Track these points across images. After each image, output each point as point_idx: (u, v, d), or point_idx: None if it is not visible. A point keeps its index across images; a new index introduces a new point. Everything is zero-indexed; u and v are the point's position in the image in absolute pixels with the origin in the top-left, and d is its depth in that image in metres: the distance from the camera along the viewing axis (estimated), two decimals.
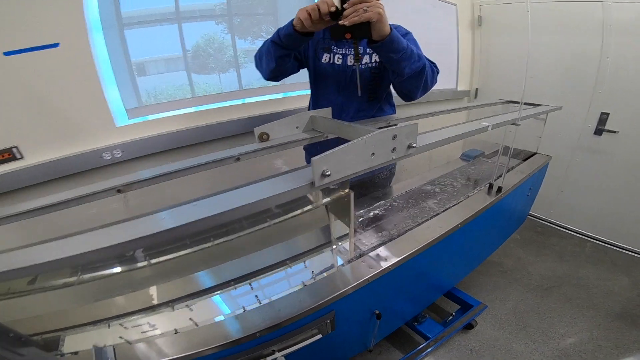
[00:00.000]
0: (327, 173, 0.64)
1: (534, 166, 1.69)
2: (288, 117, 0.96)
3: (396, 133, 0.71)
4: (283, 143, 0.91)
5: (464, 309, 1.71)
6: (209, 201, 0.66)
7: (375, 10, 0.83)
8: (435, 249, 1.13)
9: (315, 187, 0.66)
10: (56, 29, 1.15)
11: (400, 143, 0.74)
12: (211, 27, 1.72)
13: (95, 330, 0.82)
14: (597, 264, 2.23)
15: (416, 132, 0.76)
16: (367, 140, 0.67)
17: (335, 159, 0.65)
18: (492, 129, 1.13)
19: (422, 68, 1.01)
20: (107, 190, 0.79)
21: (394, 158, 0.74)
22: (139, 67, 1.55)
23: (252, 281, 0.97)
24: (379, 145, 0.70)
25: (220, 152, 0.87)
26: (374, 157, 0.71)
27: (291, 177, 0.70)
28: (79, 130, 1.27)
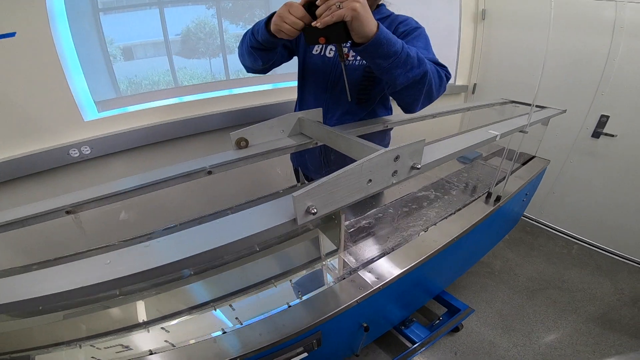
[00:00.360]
0: (312, 210, 0.50)
1: (533, 171, 1.57)
2: (271, 120, 0.79)
3: (399, 154, 0.57)
4: (264, 152, 0.74)
5: (451, 313, 1.63)
6: (164, 241, 0.52)
7: (350, 5, 0.61)
8: (428, 263, 1.02)
9: (298, 224, 0.52)
10: (12, 17, 0.96)
11: (402, 165, 0.59)
12: (202, 11, 1.53)
13: (66, 350, 0.71)
14: (582, 267, 2.17)
15: (422, 150, 0.62)
16: (364, 166, 0.53)
17: (322, 193, 0.51)
18: (501, 137, 0.99)
19: (423, 76, 0.74)
20: (54, 212, 0.63)
21: (394, 182, 0.60)
22: (126, 52, 1.35)
23: (234, 301, 0.85)
24: (378, 170, 0.56)
25: (189, 163, 0.71)
26: (371, 185, 0.57)
27: (270, 209, 0.56)
28: (42, 126, 1.10)
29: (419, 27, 0.94)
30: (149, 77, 1.46)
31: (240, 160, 0.73)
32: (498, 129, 1.02)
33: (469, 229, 1.13)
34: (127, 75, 1.37)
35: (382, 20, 0.93)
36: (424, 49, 0.86)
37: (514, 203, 1.50)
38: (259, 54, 0.88)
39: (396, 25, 0.94)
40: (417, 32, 0.92)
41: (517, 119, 1.27)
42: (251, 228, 0.52)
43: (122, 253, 0.52)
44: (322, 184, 0.50)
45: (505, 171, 1.35)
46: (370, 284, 0.88)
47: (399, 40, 0.70)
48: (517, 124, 1.18)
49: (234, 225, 0.54)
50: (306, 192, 0.49)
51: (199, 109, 1.46)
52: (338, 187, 0.52)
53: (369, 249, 0.99)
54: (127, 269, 0.48)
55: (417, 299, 1.40)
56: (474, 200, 1.27)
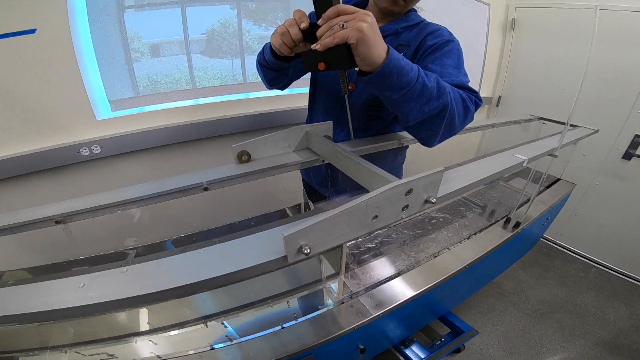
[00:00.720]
0: (305, 250, 0.42)
1: (557, 195, 1.41)
2: (277, 133, 0.70)
3: (413, 187, 0.47)
4: (266, 168, 0.65)
5: (454, 334, 1.51)
6: (142, 268, 0.46)
7: (355, 25, 0.49)
8: (436, 289, 0.92)
9: (289, 262, 0.44)
10: (34, 13, 0.92)
11: (415, 199, 0.50)
12: (227, 11, 1.45)
13: (51, 355, 0.67)
14: (598, 291, 1.99)
15: (439, 182, 0.51)
16: (369, 201, 0.43)
17: (318, 231, 0.42)
18: (528, 163, 0.87)
19: (442, 109, 0.59)
20: (44, 221, 0.58)
21: (403, 217, 0.51)
22: (153, 49, 1.29)
23: (226, 318, 0.78)
24: (386, 206, 0.46)
25: (186, 177, 0.63)
26: (377, 221, 0.47)
27: (259, 242, 0.48)
28: (54, 123, 1.05)
29: (451, 41, 0.76)
30: (172, 75, 1.41)
31: (240, 177, 0.64)
32: (525, 152, 0.89)
33: (482, 255, 1.02)
34: (149, 73, 1.32)
35: (409, 29, 0.80)
36: (453, 67, 0.70)
37: (534, 228, 1.36)
38: (269, 73, 0.79)
39: (424, 37, 0.78)
40: (449, 46, 0.74)
41: (545, 140, 1.13)
42: (236, 263, 0.45)
43: (97, 277, 0.46)
44: (319, 223, 0.41)
45: (529, 195, 1.21)
46: (369, 310, 0.79)
47: (414, 67, 0.56)
48: (546, 147, 1.04)
49: (219, 257, 0.46)
50: (299, 232, 0.40)
51: (214, 112, 1.38)
52: (337, 224, 0.43)
53: (372, 272, 0.89)
54: (99, 296, 0.43)
55: (420, 321, 1.30)
56: (491, 225, 1.14)
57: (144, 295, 0.43)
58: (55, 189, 1.12)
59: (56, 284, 0.46)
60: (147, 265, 0.47)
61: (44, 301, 0.43)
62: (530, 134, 1.56)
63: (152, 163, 1.28)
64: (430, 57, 0.74)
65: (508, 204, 1.31)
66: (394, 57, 0.52)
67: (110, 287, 0.44)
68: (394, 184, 0.44)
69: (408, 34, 0.80)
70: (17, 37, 0.90)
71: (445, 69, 0.69)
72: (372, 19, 0.51)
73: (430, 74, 0.58)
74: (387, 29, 0.80)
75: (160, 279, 0.44)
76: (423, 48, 0.77)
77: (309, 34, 0.58)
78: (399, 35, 0.81)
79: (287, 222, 0.54)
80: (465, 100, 0.64)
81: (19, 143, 1.02)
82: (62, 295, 0.43)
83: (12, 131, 1.00)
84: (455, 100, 0.61)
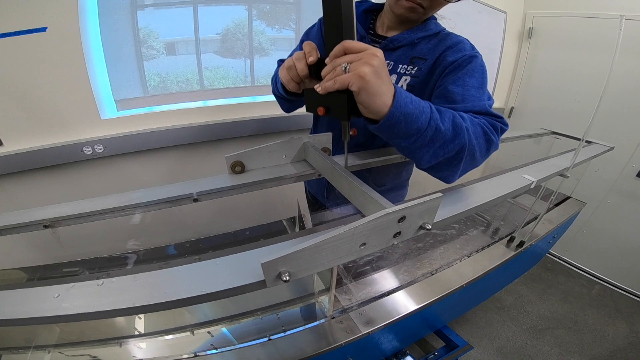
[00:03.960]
0: (284, 277, 0.37)
1: (565, 215, 1.32)
2: (273, 144, 0.65)
3: (406, 214, 0.42)
4: (260, 180, 0.61)
5: (448, 348, 1.44)
6: (118, 282, 0.43)
7: (358, 70, 0.42)
8: (431, 307, 0.86)
9: (268, 286, 0.39)
10: (45, 11, 0.90)
11: (408, 226, 0.44)
12: (242, 12, 1.41)
13: (34, 354, 0.65)
14: (599, 308, 1.89)
15: (437, 208, 0.46)
16: (357, 230, 0.39)
17: (300, 259, 0.37)
18: (537, 184, 0.80)
19: (460, 150, 0.51)
20: (33, 224, 0.55)
21: (394, 244, 0.46)
22: (169, 47, 1.27)
23: (213, 327, 0.74)
24: (376, 233, 0.41)
25: (176, 186, 0.60)
26: (365, 248, 0.42)
27: (239, 262, 0.44)
28: (62, 121, 1.04)
29: (474, 56, 0.65)
30: (183, 74, 1.38)
31: (232, 189, 0.60)
32: (534, 173, 0.82)
33: (482, 275, 0.95)
34: (160, 72, 1.29)
35: (426, 39, 0.71)
36: (476, 88, 0.62)
37: (539, 246, 1.28)
38: (284, 103, 0.74)
39: (444, 51, 0.68)
40: (472, 64, 0.64)
41: (557, 158, 1.05)
42: (212, 285, 0.41)
43: (72, 288, 0.44)
44: (301, 251, 0.37)
45: (535, 213, 1.13)
46: (359, 328, 0.73)
47: (426, 109, 0.47)
48: (557, 165, 0.96)
49: (195, 277, 0.43)
50: (277, 259, 0.36)
51: (220, 115, 1.34)
52: (321, 252, 0.39)
53: (366, 288, 0.84)
54: (73, 307, 0.41)
55: (414, 335, 1.24)
56: (494, 243, 1.07)
57: (114, 310, 0.41)
58: (59, 186, 1.12)
59: (32, 292, 0.45)
60: (123, 279, 0.44)
61: (18, 309, 0.42)
62: (542, 148, 1.46)
63: (156, 164, 1.26)
64: (450, 76, 0.64)
65: (513, 221, 1.23)
66: (400, 104, 0.45)
67: (83, 299, 0.42)
68: (385, 212, 0.39)
69: (425, 45, 0.71)
70: (29, 35, 0.89)
71: (468, 91, 0.61)
72: (380, 60, 0.43)
73: (444, 112, 0.50)
74: (402, 39, 0.72)
75: (133, 295, 0.42)
76: (442, 64, 0.67)
77: (317, 70, 0.51)
78: (415, 47, 0.72)
79: (274, 242, 0.50)
80: (487, 133, 0.55)
81: (26, 139, 1.01)
82: (37, 305, 0.42)
83: (19, 127, 0.99)
84: (475, 135, 0.53)
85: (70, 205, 0.58)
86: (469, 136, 0.51)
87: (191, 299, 0.40)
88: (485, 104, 0.60)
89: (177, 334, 0.70)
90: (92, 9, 0.99)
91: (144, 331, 0.70)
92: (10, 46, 0.88)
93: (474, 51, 0.67)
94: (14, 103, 0.96)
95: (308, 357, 0.66)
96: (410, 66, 0.72)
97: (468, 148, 0.51)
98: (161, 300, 0.41)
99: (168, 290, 0.42)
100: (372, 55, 0.43)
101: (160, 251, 0.90)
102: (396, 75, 0.73)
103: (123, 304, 0.41)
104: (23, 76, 0.94)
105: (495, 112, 0.60)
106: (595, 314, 1.84)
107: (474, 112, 0.58)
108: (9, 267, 0.78)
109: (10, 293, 0.45)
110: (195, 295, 0.40)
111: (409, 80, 0.72)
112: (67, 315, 0.41)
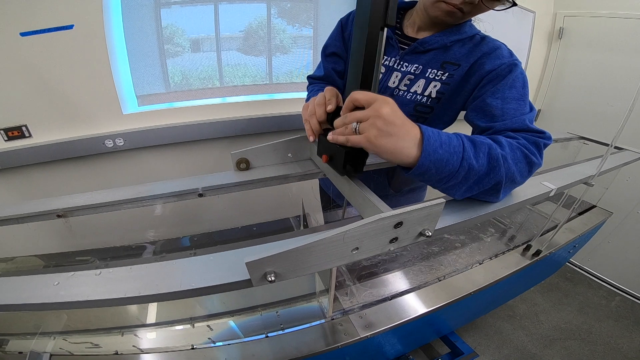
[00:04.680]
0: (269, 278, 0.35)
1: (589, 224, 1.20)
2: (279, 142, 0.62)
3: (403, 220, 0.38)
4: (264, 178, 0.59)
5: (453, 354, 1.38)
6: (116, 272, 0.43)
7: (365, 134, 0.40)
8: (437, 312, 0.81)
9: (254, 286, 0.37)
10: (72, 9, 0.93)
11: (406, 232, 0.41)
12: (264, 10, 1.39)
13: (39, 340, 0.67)
14: (617, 320, 1.74)
15: (438, 214, 0.42)
16: (348, 234, 0.35)
17: (288, 260, 0.35)
18: (558, 191, 0.72)
19: (497, 184, 0.48)
20: (47, 214, 0.57)
21: (391, 249, 0.42)
22: (194, 44, 1.28)
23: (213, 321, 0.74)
24: (369, 238, 0.38)
25: (183, 180, 0.59)
26: (358, 252, 0.39)
27: (228, 260, 0.43)
28: (85, 115, 1.07)
29: (514, 64, 0.58)
30: (206, 71, 1.38)
31: (236, 186, 0.58)
32: (556, 180, 0.75)
33: (493, 282, 0.89)
34: (183, 69, 1.31)
35: (460, 42, 0.64)
36: (517, 101, 0.56)
37: (557, 255, 1.18)
38: None
39: (479, 58, 0.62)
40: (513, 73, 0.57)
41: (584, 164, 0.95)
42: (201, 280, 0.40)
43: (72, 277, 0.45)
44: (289, 252, 0.34)
45: (556, 221, 1.04)
46: (357, 332, 0.70)
47: (457, 148, 0.43)
48: (581, 173, 0.87)
49: (188, 271, 0.42)
50: (264, 259, 0.34)
51: (238, 111, 1.33)
52: (311, 254, 0.36)
53: (370, 290, 0.80)
54: (69, 295, 0.42)
55: (418, 340, 1.19)
56: (509, 251, 0.99)
57: (106, 300, 0.41)
58: (81, 177, 1.16)
59: (35, 279, 0.45)
60: (120, 270, 0.44)
61: (19, 295, 0.43)
62: (569, 154, 1.34)
63: (175, 158, 1.28)
64: (489, 87, 0.59)
65: (531, 228, 1.14)
66: (429, 152, 0.41)
67: (80, 287, 0.43)
68: (379, 217, 0.36)
69: (459, 50, 0.65)
70: (57, 32, 0.91)
71: (507, 104, 0.56)
72: (386, 119, 0.39)
73: (479, 146, 0.45)
74: (434, 41, 0.65)
75: (127, 286, 0.41)
76: (479, 73, 0.61)
77: (334, 117, 0.48)
78: (447, 51, 0.65)
79: (273, 240, 0.48)
80: (528, 155, 0.50)
81: (52, 131, 1.06)
82: (36, 291, 0.43)
83: (46, 120, 1.04)
84: (515, 161, 0.48)
85: (82, 196, 0.59)
86: (507, 165, 0.47)
87: (179, 293, 0.39)
88: (525, 120, 0.55)
89: (178, 325, 0.70)
90: (115, 7, 1.00)
91: (147, 322, 0.71)
92: (39, 43, 0.91)
93: (512, 58, 0.60)
94: (41, 97, 1.00)
95: (304, 357, 0.64)
96: (440, 71, 0.66)
97: (507, 177, 0.48)
98: (151, 293, 0.40)
99: (159, 283, 0.41)
100: (377, 116, 0.39)
101: (168, 243, 0.91)
102: (424, 81, 0.67)
103: (115, 294, 0.40)
104: (50, 72, 0.97)
105: (536, 127, 0.55)
106: (612, 325, 1.71)
107: (513, 130, 0.54)
108: (31, 254, 0.81)
109: (14, 279, 0.46)
110: (183, 290, 0.39)
111: (438, 87, 0.66)
112: (62, 302, 0.41)
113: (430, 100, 0.67)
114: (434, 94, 0.66)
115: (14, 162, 1.03)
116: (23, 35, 0.89)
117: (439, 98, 0.66)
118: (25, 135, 1.03)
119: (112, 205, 0.59)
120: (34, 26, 0.89)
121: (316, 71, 0.83)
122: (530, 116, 0.56)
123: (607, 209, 1.32)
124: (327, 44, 0.80)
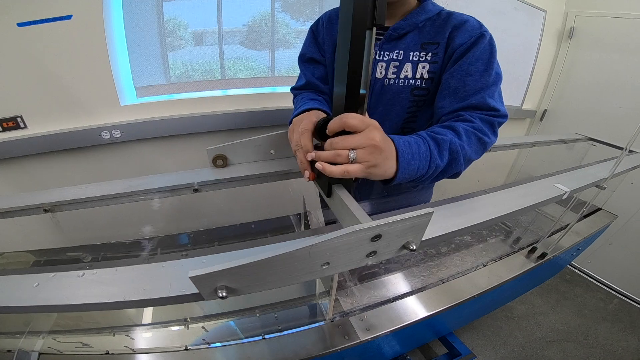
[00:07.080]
0: (221, 294, 0.27)
1: (594, 227, 1.07)
2: (259, 137, 0.54)
3: (382, 232, 0.30)
4: (242, 177, 0.50)
5: (450, 355, 1.27)
6: (98, 275, 0.38)
7: (369, 162, 0.37)
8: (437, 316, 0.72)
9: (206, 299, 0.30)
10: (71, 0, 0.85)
11: (386, 245, 0.32)
12: (268, 4, 1.31)
13: (27, 339, 0.62)
14: (614, 323, 1.60)
15: (425, 225, 0.33)
16: (314, 248, 0.27)
17: (241, 275, 0.27)
18: (570, 194, 0.61)
19: (457, 172, 0.50)
20: (33, 208, 0.51)
21: (369, 263, 0.33)
22: (197, 38, 1.19)
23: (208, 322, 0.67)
24: (341, 253, 0.30)
25: (178, 174, 0.52)
26: (329, 268, 0.31)
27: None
28: (82, 106, 1.00)
29: (481, 35, 0.54)
30: (208, 64, 1.31)
31: (218, 183, 0.51)
32: (567, 182, 0.63)
33: (497, 285, 0.79)
34: (184, 62, 1.23)
35: (429, 22, 0.59)
36: (480, 73, 0.53)
37: (561, 258, 1.05)
38: None
39: (450, 32, 0.57)
40: (478, 46, 0.54)
41: (593, 167, 0.83)
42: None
43: (53, 278, 0.39)
44: (242, 267, 0.26)
45: (562, 224, 0.92)
46: (357, 334, 0.62)
47: (425, 154, 0.44)
48: (593, 175, 0.75)
49: (176, 275, 0.36)
50: (208, 274, 0.26)
51: (239, 104, 1.23)
52: (270, 269, 0.28)
53: (371, 292, 0.71)
54: (49, 298, 0.36)
55: (417, 341, 1.09)
56: (513, 253, 0.88)
57: (91, 304, 0.35)
58: (78, 169, 1.09)
59: (14, 280, 0.40)
60: (104, 272, 0.38)
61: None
62: (574, 155, 1.20)
63: (173, 151, 1.19)
64: (454, 66, 0.56)
65: (537, 231, 1.02)
66: (404, 166, 0.41)
67: (61, 290, 0.37)
68: (352, 230, 0.27)
69: (432, 28, 0.58)
70: (55, 23, 0.84)
71: (469, 79, 0.54)
72: (380, 141, 0.38)
73: (442, 144, 0.46)
74: (406, 26, 0.58)
75: (112, 289, 0.36)
76: (452, 46, 0.56)
77: (322, 130, 0.42)
78: (422, 31, 0.59)
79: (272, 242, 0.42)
80: (482, 138, 0.51)
81: (48, 122, 0.98)
82: (15, 292, 0.38)
83: (42, 111, 0.97)
84: (471, 145, 0.50)
85: (73, 190, 0.53)
86: (465, 152, 0.49)
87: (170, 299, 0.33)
88: (485, 96, 0.53)
89: (171, 326, 0.64)
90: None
91: (140, 322, 0.65)
92: (38, 33, 0.85)
93: (482, 28, 0.56)
94: (37, 88, 0.93)
95: (304, 358, 0.57)
96: (423, 52, 0.59)
97: (465, 161, 0.50)
98: (137, 298, 0.34)
99: (147, 287, 0.35)
100: (373, 145, 0.37)
101: (161, 241, 0.84)
102: (410, 64, 0.60)
103: (98, 298, 0.35)
104: (47, 63, 0.91)
105: (494, 104, 0.53)
106: (609, 328, 1.58)
107: (472, 107, 0.53)
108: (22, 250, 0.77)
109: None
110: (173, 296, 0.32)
111: (428, 68, 0.59)
112: (40, 306, 0.36)
113: (424, 82, 0.61)
114: (425, 75, 0.60)
115: (8, 153, 0.96)
116: (20, 25, 0.82)
117: (432, 78, 0.60)
118: (21, 126, 0.96)
119: (102, 199, 0.52)
120: (31, 16, 0.82)
121: (298, 82, 0.75)
122: (490, 91, 0.54)
123: (612, 212, 1.19)
124: (302, 52, 0.73)
